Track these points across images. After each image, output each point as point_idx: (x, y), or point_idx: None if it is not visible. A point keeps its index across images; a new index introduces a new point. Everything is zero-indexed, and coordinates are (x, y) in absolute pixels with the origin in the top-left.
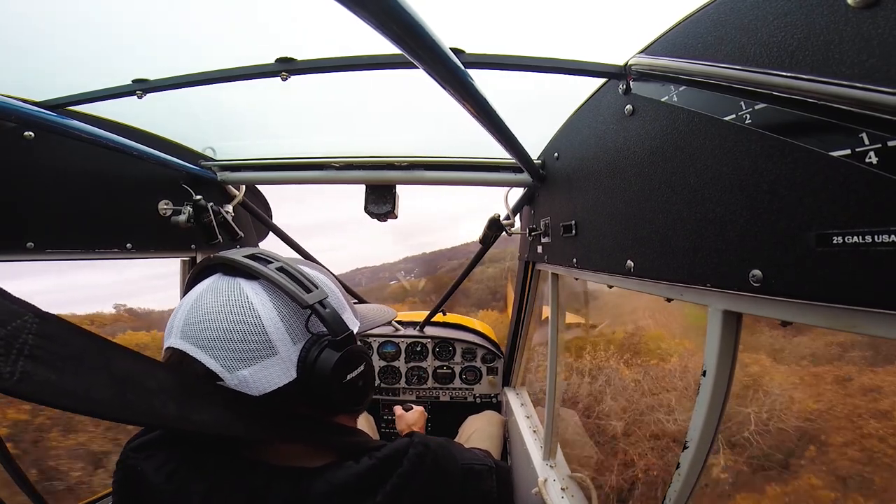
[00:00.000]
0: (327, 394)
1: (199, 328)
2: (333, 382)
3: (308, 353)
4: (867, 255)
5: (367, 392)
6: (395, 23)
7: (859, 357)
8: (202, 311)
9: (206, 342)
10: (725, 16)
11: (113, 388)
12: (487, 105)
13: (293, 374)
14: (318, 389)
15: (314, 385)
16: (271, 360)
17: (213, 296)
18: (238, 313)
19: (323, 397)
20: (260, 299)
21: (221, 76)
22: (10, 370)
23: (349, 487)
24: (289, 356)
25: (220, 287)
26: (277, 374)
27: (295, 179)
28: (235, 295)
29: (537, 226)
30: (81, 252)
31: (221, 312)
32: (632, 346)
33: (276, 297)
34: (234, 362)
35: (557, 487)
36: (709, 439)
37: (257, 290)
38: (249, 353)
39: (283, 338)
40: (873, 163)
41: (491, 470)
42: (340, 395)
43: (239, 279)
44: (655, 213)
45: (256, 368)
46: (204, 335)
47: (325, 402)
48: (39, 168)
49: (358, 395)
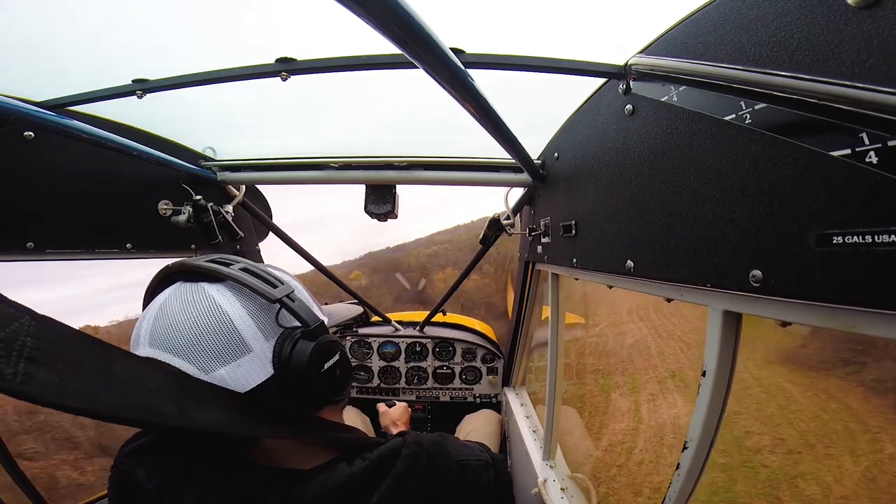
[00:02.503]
0: (306, 385)
1: (167, 334)
2: (311, 373)
3: (282, 348)
4: (867, 255)
5: (346, 381)
6: (395, 23)
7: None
8: (169, 317)
9: (177, 347)
10: (725, 16)
11: (114, 389)
12: (487, 105)
13: (270, 369)
14: (297, 381)
15: (292, 377)
16: (246, 358)
17: (177, 301)
18: (207, 314)
19: (302, 389)
20: (227, 299)
21: (221, 76)
22: (13, 371)
23: (343, 490)
24: (263, 352)
25: (184, 292)
26: (254, 371)
27: (295, 179)
28: (201, 298)
29: (537, 226)
30: (81, 252)
31: (190, 316)
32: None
33: (242, 296)
34: (209, 363)
35: (557, 488)
36: (709, 439)
37: (223, 291)
38: (223, 353)
39: (255, 334)
40: (873, 162)
41: (487, 465)
42: (320, 386)
43: (202, 283)
44: (655, 213)
45: (232, 367)
46: (174, 340)
47: (306, 394)
48: (39, 168)
49: (337, 383)
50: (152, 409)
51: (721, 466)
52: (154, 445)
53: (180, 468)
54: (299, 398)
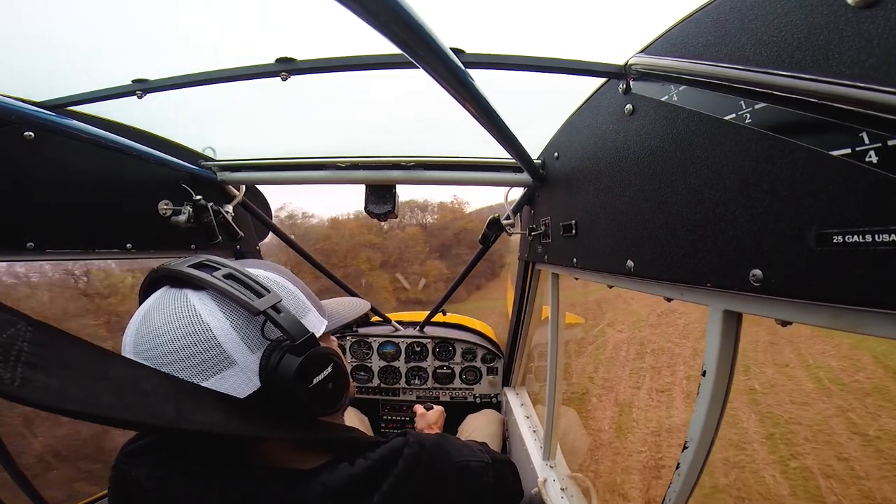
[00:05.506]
0: (293, 400)
1: (150, 346)
2: (298, 389)
3: (268, 361)
4: (867, 255)
5: (340, 394)
6: (395, 23)
7: None
8: (150, 327)
9: (159, 359)
10: (725, 16)
11: (112, 392)
12: (487, 105)
13: (256, 382)
14: (283, 395)
15: (278, 392)
16: (230, 371)
17: (158, 312)
18: (187, 327)
19: (289, 403)
20: (209, 310)
21: (221, 76)
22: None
23: (345, 489)
24: (248, 365)
25: (167, 301)
26: (239, 384)
27: (295, 179)
28: (182, 308)
29: (537, 226)
30: (81, 252)
31: (171, 328)
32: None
33: (226, 305)
34: (192, 377)
35: (557, 487)
36: (709, 439)
37: (205, 300)
38: (205, 367)
39: (238, 347)
40: (873, 162)
41: (487, 466)
42: (308, 401)
43: (186, 290)
44: (655, 213)
45: (216, 381)
46: (156, 352)
47: (294, 409)
48: (39, 168)
49: (328, 398)
50: (150, 412)
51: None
52: (154, 446)
53: (179, 469)
54: (287, 412)
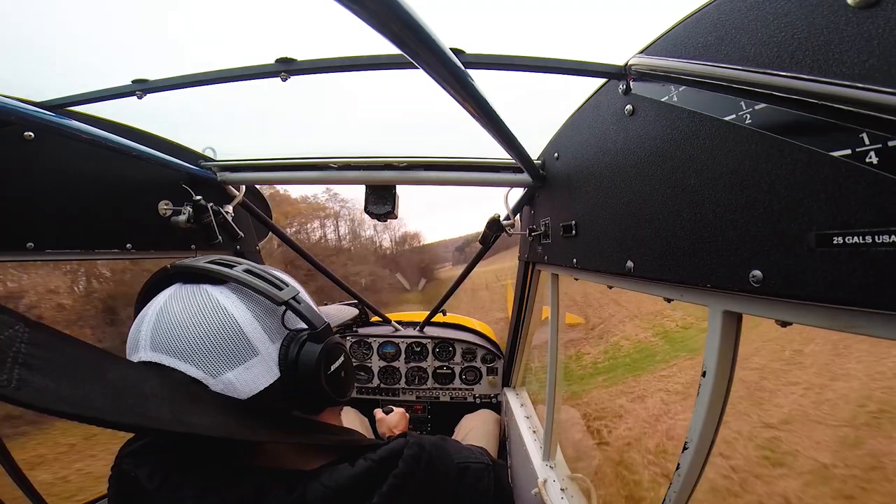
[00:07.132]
0: (313, 388)
1: (171, 338)
2: (319, 375)
3: (288, 350)
4: (867, 256)
5: (350, 382)
6: (395, 23)
7: None
8: (171, 320)
9: (182, 351)
10: (725, 16)
11: (109, 394)
12: (487, 105)
13: (276, 372)
14: (304, 384)
15: (300, 380)
16: (253, 361)
17: (178, 304)
18: (212, 317)
19: (308, 392)
20: (231, 301)
21: (221, 76)
22: (7, 377)
23: (346, 490)
24: (269, 355)
25: (185, 294)
26: (262, 374)
27: (295, 179)
28: (204, 300)
29: (537, 226)
30: (81, 252)
31: (194, 319)
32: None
33: (246, 298)
34: (217, 367)
35: (557, 488)
36: (708, 440)
37: (226, 293)
38: (231, 356)
39: (261, 337)
40: (874, 163)
41: (488, 468)
42: (326, 388)
43: (203, 285)
44: (655, 213)
45: (240, 370)
46: (179, 344)
47: (311, 397)
48: (39, 168)
49: (342, 385)
50: (146, 414)
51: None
52: (155, 446)
53: (180, 469)
54: (304, 400)
